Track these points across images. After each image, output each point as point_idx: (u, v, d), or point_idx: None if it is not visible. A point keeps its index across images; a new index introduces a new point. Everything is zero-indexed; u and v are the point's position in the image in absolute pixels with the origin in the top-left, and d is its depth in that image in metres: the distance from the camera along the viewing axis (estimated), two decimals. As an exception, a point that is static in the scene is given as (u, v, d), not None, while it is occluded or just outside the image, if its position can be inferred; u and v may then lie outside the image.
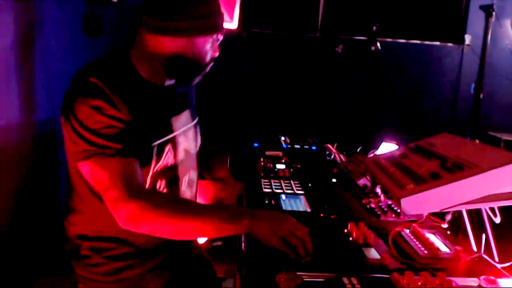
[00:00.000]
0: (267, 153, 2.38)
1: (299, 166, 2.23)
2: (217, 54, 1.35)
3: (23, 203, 2.52)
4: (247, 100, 3.84)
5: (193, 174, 1.46)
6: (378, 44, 3.80)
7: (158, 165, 1.27)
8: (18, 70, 2.42)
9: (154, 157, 1.24)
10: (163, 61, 1.27)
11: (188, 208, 1.15)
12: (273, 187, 1.87)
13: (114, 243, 1.27)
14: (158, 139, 1.26)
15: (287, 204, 1.66)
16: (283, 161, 2.29)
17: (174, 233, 1.12)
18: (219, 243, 2.35)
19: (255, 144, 2.46)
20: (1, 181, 2.28)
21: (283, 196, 1.74)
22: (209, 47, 1.30)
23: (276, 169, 2.16)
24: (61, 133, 1.27)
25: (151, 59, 1.27)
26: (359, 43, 3.90)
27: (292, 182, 1.96)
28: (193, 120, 1.48)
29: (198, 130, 1.53)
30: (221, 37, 1.34)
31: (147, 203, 1.08)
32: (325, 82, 3.99)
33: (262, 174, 2.08)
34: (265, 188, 1.85)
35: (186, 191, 1.43)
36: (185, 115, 1.42)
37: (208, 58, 1.32)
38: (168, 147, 1.29)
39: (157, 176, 1.28)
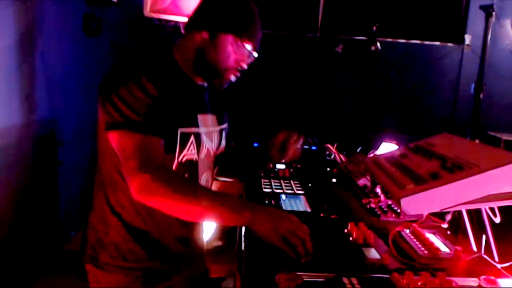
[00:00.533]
0: (267, 153, 2.37)
1: (299, 166, 2.23)
2: (244, 66, 1.35)
3: (23, 202, 2.52)
4: (247, 100, 3.84)
5: (208, 175, 1.49)
6: (378, 44, 3.79)
7: (182, 154, 1.31)
8: (18, 70, 2.42)
9: (178, 144, 1.28)
10: (191, 56, 1.33)
11: (197, 190, 1.17)
12: (273, 187, 1.87)
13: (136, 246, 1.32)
14: (184, 127, 1.31)
15: (287, 204, 1.66)
16: (283, 161, 2.30)
17: (179, 211, 1.15)
18: (219, 243, 2.35)
19: (255, 144, 2.46)
20: (1, 181, 2.28)
21: (283, 196, 1.74)
22: (232, 50, 1.31)
23: (276, 169, 2.16)
24: (61, 133, 1.28)
25: (186, 53, 1.34)
26: (359, 43, 3.90)
27: (292, 182, 1.96)
28: (219, 125, 1.52)
29: (224, 136, 1.56)
30: (251, 49, 1.33)
31: (159, 176, 1.11)
32: (325, 82, 3.99)
33: (262, 174, 2.08)
34: (265, 188, 1.85)
35: None
36: (211, 117, 1.46)
37: (229, 62, 1.32)
38: (191, 139, 1.33)
39: (181, 167, 1.31)
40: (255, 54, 1.36)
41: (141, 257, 1.32)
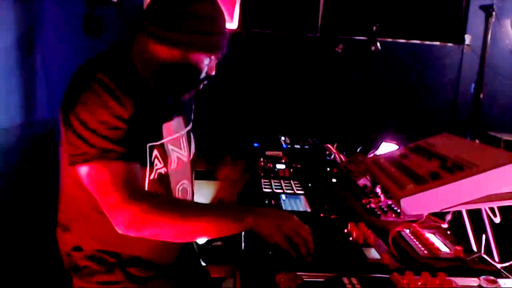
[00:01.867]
0: (267, 153, 2.38)
1: (299, 166, 2.23)
2: (213, 73, 1.31)
3: (23, 202, 2.52)
4: (247, 100, 3.84)
5: (186, 183, 1.40)
6: (378, 44, 3.79)
7: (154, 171, 1.23)
8: (18, 70, 2.42)
9: (148, 160, 1.21)
10: (156, 68, 1.23)
11: (191, 208, 1.14)
12: (273, 187, 1.87)
13: (113, 258, 1.25)
14: (151, 142, 1.23)
15: (287, 204, 1.66)
16: (283, 161, 2.29)
17: (178, 235, 1.10)
18: (219, 243, 2.34)
19: (255, 144, 2.46)
20: (1, 181, 2.28)
21: (283, 196, 1.74)
22: (205, 65, 1.26)
23: (276, 169, 2.16)
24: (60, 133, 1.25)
25: (148, 63, 1.24)
26: (359, 43, 3.90)
27: (292, 182, 1.96)
28: (186, 126, 1.43)
29: (192, 137, 1.49)
30: (220, 56, 1.29)
31: (149, 205, 1.05)
32: (325, 82, 3.99)
33: (262, 174, 2.08)
34: (265, 188, 1.85)
35: None
36: (177, 121, 1.37)
37: (202, 75, 1.28)
38: (155, 153, 1.24)
39: (154, 184, 1.24)
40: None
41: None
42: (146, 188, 1.21)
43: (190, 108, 1.53)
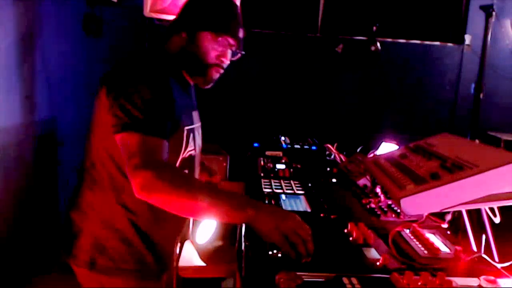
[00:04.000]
0: (267, 153, 2.38)
1: (299, 166, 2.23)
2: (226, 61, 1.39)
3: (23, 202, 2.53)
4: (247, 100, 3.83)
5: (198, 171, 1.52)
6: (378, 44, 3.79)
7: (187, 150, 1.36)
8: (18, 70, 2.42)
9: (185, 140, 1.33)
10: (177, 57, 1.38)
11: (200, 187, 1.17)
12: (273, 187, 1.87)
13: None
14: (187, 125, 1.36)
15: (287, 204, 1.66)
16: (283, 161, 2.29)
17: (182, 208, 1.14)
18: (219, 243, 2.34)
19: (255, 144, 2.46)
20: (1, 181, 2.28)
21: (283, 196, 1.74)
22: (211, 47, 1.35)
23: (276, 169, 2.16)
24: (61, 133, 1.27)
25: (174, 54, 1.39)
26: (359, 43, 3.89)
27: (292, 182, 1.96)
28: (200, 121, 1.55)
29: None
30: (232, 42, 1.38)
31: (162, 173, 1.11)
32: (325, 82, 3.98)
33: (262, 174, 2.08)
34: (265, 188, 1.85)
35: None
36: (196, 114, 1.51)
37: (210, 59, 1.37)
38: (191, 136, 1.38)
39: (184, 163, 1.36)
40: (239, 49, 1.40)
41: (142, 259, 1.33)
42: (178, 165, 1.33)
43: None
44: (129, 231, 1.31)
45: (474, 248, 1.35)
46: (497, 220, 1.27)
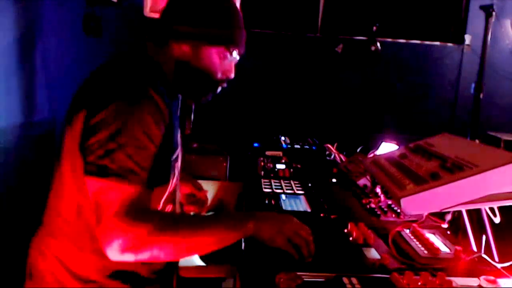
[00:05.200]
0: (267, 153, 2.38)
1: (299, 166, 2.23)
2: (231, 75, 1.22)
3: (22, 202, 2.52)
4: (247, 100, 3.83)
5: (178, 197, 1.35)
6: (378, 44, 3.79)
7: (172, 184, 1.20)
8: (18, 70, 2.42)
9: (172, 174, 1.17)
10: (171, 71, 1.17)
11: (191, 223, 1.04)
12: (273, 187, 1.87)
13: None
14: (172, 155, 1.16)
15: (287, 204, 1.66)
16: (283, 161, 2.29)
17: (179, 253, 1.02)
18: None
19: (255, 144, 2.46)
20: (1, 181, 2.28)
21: (283, 196, 1.74)
22: (220, 62, 1.17)
23: (276, 169, 2.16)
24: (61, 133, 1.19)
25: (166, 66, 1.16)
26: (359, 43, 3.89)
27: (292, 182, 1.96)
28: (182, 135, 1.35)
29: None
30: (236, 55, 1.21)
31: (154, 226, 0.94)
32: (325, 82, 3.98)
33: (262, 174, 2.08)
34: (265, 188, 1.85)
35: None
36: (178, 130, 1.29)
37: (218, 74, 1.18)
38: (176, 165, 1.21)
39: (169, 198, 1.21)
40: (238, 57, 1.22)
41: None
42: (161, 205, 1.17)
43: (186, 116, 1.49)
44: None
45: (474, 248, 1.35)
46: (497, 220, 1.27)
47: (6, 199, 2.33)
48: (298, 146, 2.49)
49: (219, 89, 1.23)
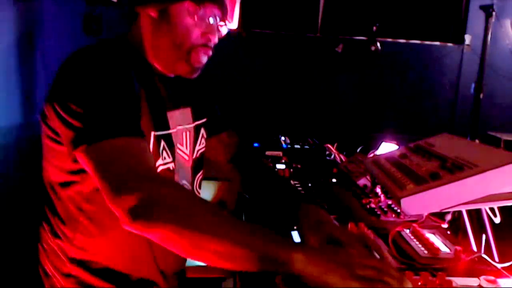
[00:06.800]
0: (267, 153, 2.38)
1: (299, 166, 2.23)
2: (213, 38, 1.09)
3: (22, 202, 2.52)
4: (247, 100, 3.84)
5: (187, 187, 1.21)
6: (378, 44, 3.79)
7: (157, 164, 1.07)
8: (18, 70, 2.42)
9: (153, 151, 1.04)
10: (145, 43, 1.09)
11: (224, 220, 0.81)
12: (273, 187, 1.86)
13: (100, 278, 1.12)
14: (156, 130, 1.07)
15: (287, 204, 1.66)
16: (283, 161, 2.29)
17: (192, 248, 0.79)
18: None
19: (255, 144, 2.46)
20: (1, 181, 2.28)
21: (283, 196, 1.74)
22: (193, 22, 1.05)
23: (276, 169, 2.16)
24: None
25: (139, 40, 1.10)
26: (359, 43, 3.90)
27: (292, 182, 1.96)
28: (194, 120, 1.25)
29: (202, 134, 1.29)
30: (218, 12, 1.09)
31: (172, 191, 0.83)
32: (325, 82, 3.99)
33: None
34: (265, 188, 1.84)
35: None
36: (183, 112, 1.20)
37: (192, 38, 1.06)
38: (162, 144, 1.08)
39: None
40: (228, 22, 1.10)
41: None
42: None
43: (208, 100, 1.36)
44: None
45: (474, 248, 1.35)
46: (497, 220, 1.27)
47: (6, 199, 2.33)
48: (298, 146, 2.49)
49: (203, 57, 1.10)
